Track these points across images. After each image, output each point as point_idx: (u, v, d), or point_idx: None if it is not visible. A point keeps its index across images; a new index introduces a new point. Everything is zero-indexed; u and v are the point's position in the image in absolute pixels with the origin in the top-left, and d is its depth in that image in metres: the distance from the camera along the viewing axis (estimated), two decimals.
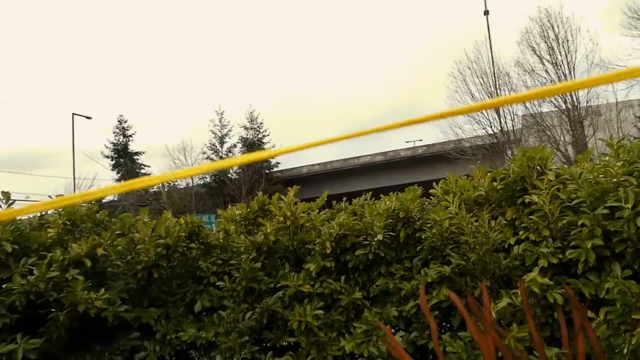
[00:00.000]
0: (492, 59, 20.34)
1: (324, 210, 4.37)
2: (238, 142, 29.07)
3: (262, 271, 3.75)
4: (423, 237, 3.66)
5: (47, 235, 3.52)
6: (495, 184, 3.90)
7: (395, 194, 4.12)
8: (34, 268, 3.17)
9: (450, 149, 22.62)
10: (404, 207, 3.85)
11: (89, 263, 3.32)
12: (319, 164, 30.29)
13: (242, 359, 3.20)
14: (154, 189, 27.62)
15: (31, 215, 3.82)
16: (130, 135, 30.45)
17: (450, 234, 3.57)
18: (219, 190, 26.47)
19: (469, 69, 20.54)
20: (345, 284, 3.74)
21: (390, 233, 3.76)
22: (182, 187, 27.29)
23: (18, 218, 3.51)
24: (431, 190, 4.08)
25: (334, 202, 4.51)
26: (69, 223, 3.57)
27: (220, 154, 28.36)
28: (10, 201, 3.41)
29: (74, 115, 27.05)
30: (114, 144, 30.00)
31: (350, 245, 3.77)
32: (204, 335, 3.50)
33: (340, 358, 3.52)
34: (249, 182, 25.60)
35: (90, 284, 3.26)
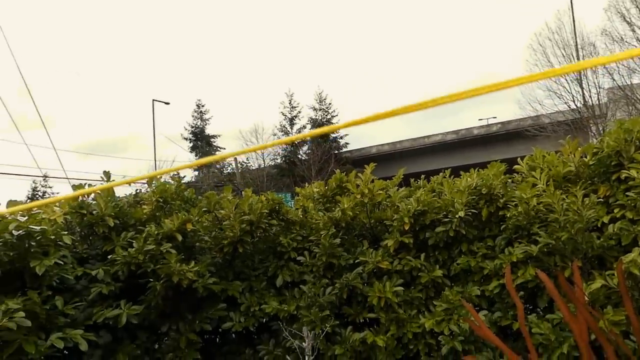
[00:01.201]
0: (575, 28, 18.93)
1: (401, 188, 4.34)
2: (307, 123, 29.37)
3: (341, 247, 3.80)
4: (508, 215, 3.53)
5: (143, 212, 3.78)
6: (586, 159, 3.68)
7: (476, 170, 4.01)
8: (133, 241, 3.42)
9: (527, 125, 21.49)
10: (487, 184, 3.73)
11: (180, 237, 3.53)
12: (388, 144, 29.93)
13: (324, 332, 3.28)
14: (229, 171, 28.69)
15: (127, 193, 4.11)
16: (207, 119, 31.69)
17: (537, 212, 3.42)
18: (289, 170, 26.98)
19: (550, 40, 19.26)
20: (425, 261, 3.71)
21: (472, 210, 3.67)
22: (254, 168, 28.09)
23: (117, 196, 3.79)
24: (516, 167, 3.92)
25: (411, 180, 4.46)
26: (161, 200, 3.80)
27: (291, 135, 28.81)
28: (111, 179, 3.69)
29: (154, 101, 28.54)
30: (192, 127, 31.38)
31: (430, 222, 3.72)
32: (285, 309, 3.63)
33: (420, 335, 3.51)
34: (318, 162, 25.85)
35: (183, 256, 3.47)
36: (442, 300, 3.51)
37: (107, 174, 3.75)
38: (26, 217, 2.93)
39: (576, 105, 18.72)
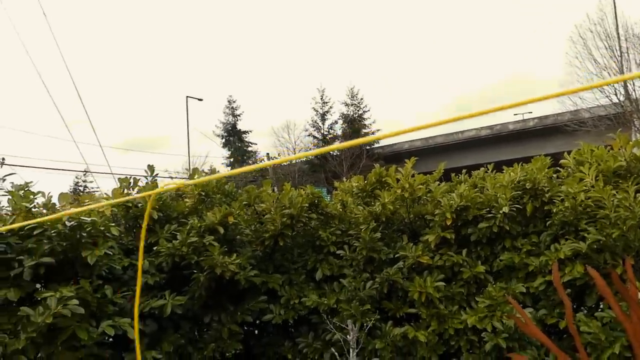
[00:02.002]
0: (617, 19, 18.19)
1: (441, 183, 4.28)
2: (339, 119, 29.31)
3: (381, 241, 3.78)
4: (554, 210, 3.44)
5: (185, 205, 3.85)
6: (638, 153, 3.54)
7: (520, 164, 3.92)
8: (177, 234, 3.49)
9: (566, 120, 20.82)
10: (531, 179, 3.65)
11: (221, 230, 3.58)
12: (420, 140, 29.55)
13: (366, 326, 3.28)
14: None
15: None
16: (239, 115, 32.03)
17: (585, 207, 3.32)
18: (320, 166, 27.00)
19: (591, 31, 18.58)
20: (467, 257, 3.66)
21: (516, 206, 3.59)
22: (286, 164, 28.24)
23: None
24: (562, 161, 3.81)
25: (452, 175, 4.39)
26: (203, 194, 3.87)
27: (322, 131, 28.84)
28: (155, 173, 3.78)
29: (188, 98, 29.02)
30: (224, 124, 31.78)
31: (472, 217, 3.66)
32: (325, 302, 3.64)
33: (462, 331, 3.47)
34: (350, 158, 25.78)
35: (226, 249, 3.52)
36: (484, 296, 3.45)
37: (151, 168, 3.84)
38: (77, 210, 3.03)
39: (619, 99, 18.04)
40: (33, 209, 3.10)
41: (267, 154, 26.97)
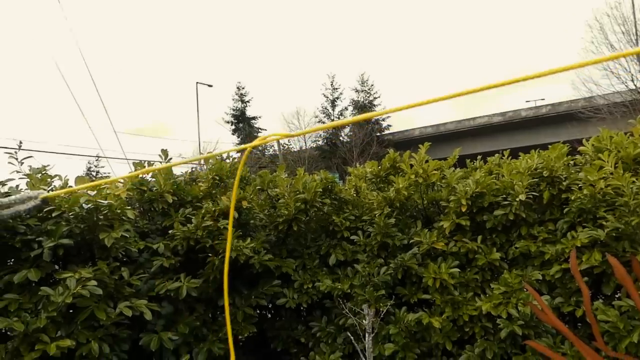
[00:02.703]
0: (633, 2, 17.79)
1: (455, 169, 4.25)
2: (349, 105, 29.16)
3: (395, 227, 3.77)
4: (572, 198, 3.40)
5: (199, 189, 3.86)
6: None
7: (537, 151, 3.87)
8: (192, 217, 3.51)
9: (580, 107, 20.53)
10: (548, 166, 3.60)
11: (236, 214, 3.59)
12: (431, 126, 29.36)
13: (382, 312, 3.28)
14: (270, 153, 28.96)
15: (183, 172, 4.20)
16: (248, 101, 31.98)
17: (604, 195, 3.28)
18: (331, 152, 26.97)
19: (608, 15, 18.21)
20: (482, 244, 3.64)
21: (533, 193, 3.56)
22: (295, 150, 28.23)
23: (175, 173, 3.89)
24: (581, 148, 3.76)
25: (467, 161, 4.36)
26: (217, 178, 3.87)
27: (332, 117, 28.72)
28: (169, 157, 3.78)
29: (198, 84, 28.99)
30: (233, 110, 31.77)
31: (488, 204, 3.63)
32: (339, 287, 3.64)
33: (476, 318, 3.46)
34: (360, 144, 25.70)
35: (241, 233, 3.53)
36: (500, 283, 3.43)
37: (165, 152, 3.85)
38: (94, 192, 3.05)
39: (635, 85, 17.73)
40: (49, 192, 3.12)
41: (277, 139, 26.96)
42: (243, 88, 31.97)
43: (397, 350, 3.36)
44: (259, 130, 32.30)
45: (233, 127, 31.94)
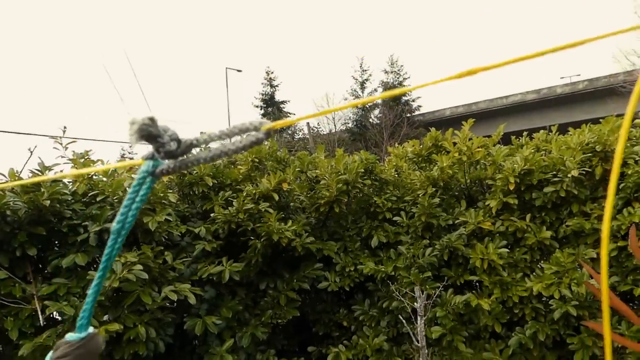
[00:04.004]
0: None
1: (499, 146, 4.09)
2: (379, 86, 28.73)
3: (439, 207, 3.66)
4: (628, 172, 3.22)
5: (239, 172, 3.82)
6: None
7: (587, 125, 3.67)
8: (233, 200, 3.47)
9: (620, 81, 19.67)
10: (601, 140, 3.41)
11: (276, 197, 3.54)
12: (462, 106, 28.66)
13: (434, 294, 3.19)
14: (300, 136, 28.92)
15: None
16: (277, 86, 31.87)
17: None
18: (360, 135, 26.70)
19: None
20: (531, 222, 3.49)
21: (585, 169, 3.38)
22: (325, 133, 28.09)
23: None
24: (636, 121, 3.54)
25: (513, 138, 4.18)
26: (256, 161, 3.82)
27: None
28: None
29: (227, 69, 29.07)
30: (262, 95, 31.75)
31: (537, 182, 3.47)
32: (383, 269, 3.57)
33: (526, 299, 3.34)
34: (390, 126, 25.34)
35: (283, 215, 3.48)
36: (551, 262, 3.29)
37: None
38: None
39: None
40: (94, 176, 3.14)
41: (307, 123, 26.86)
42: (272, 72, 31.88)
43: (445, 333, 3.28)
44: (288, 114, 32.24)
45: (262, 111, 31.98)
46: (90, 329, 0.77)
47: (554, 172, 3.47)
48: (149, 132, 0.49)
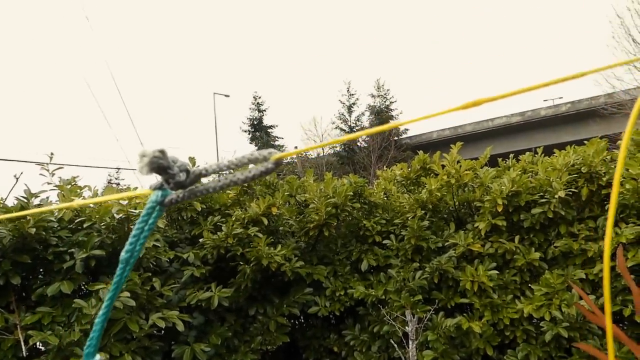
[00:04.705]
0: None
1: (486, 168, 4.13)
2: (366, 110, 29.03)
3: (429, 230, 3.66)
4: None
5: (227, 197, 3.81)
6: None
7: (572, 147, 3.73)
8: (222, 225, 3.45)
9: (601, 103, 20.12)
10: (587, 162, 3.47)
11: (265, 221, 3.52)
12: (449, 129, 29.05)
13: (425, 317, 3.17)
14: (287, 160, 29.00)
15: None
16: (264, 110, 32.06)
17: None
18: (349, 158, 26.85)
19: (629, 9, 17.85)
20: (520, 244, 3.51)
21: (572, 190, 3.43)
22: (313, 157, 28.20)
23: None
24: (619, 142, 3.61)
25: (499, 160, 4.23)
26: (245, 185, 3.82)
27: (349, 123, 28.64)
28: (196, 165, 3.74)
29: (215, 94, 29.23)
30: (250, 119, 31.89)
31: (524, 203, 3.51)
32: (373, 293, 3.54)
33: (517, 321, 3.33)
34: (378, 149, 25.54)
35: (273, 240, 3.46)
36: (541, 284, 3.30)
37: (192, 160, 3.81)
38: (126, 202, 3.01)
39: None
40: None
41: (295, 147, 26.94)
42: (259, 97, 32.12)
43: (437, 357, 3.25)
44: (276, 138, 32.37)
45: (250, 135, 32.07)
46: (97, 357, 0.76)
47: (541, 194, 3.51)
48: (159, 165, 0.49)
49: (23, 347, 2.56)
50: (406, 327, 2.88)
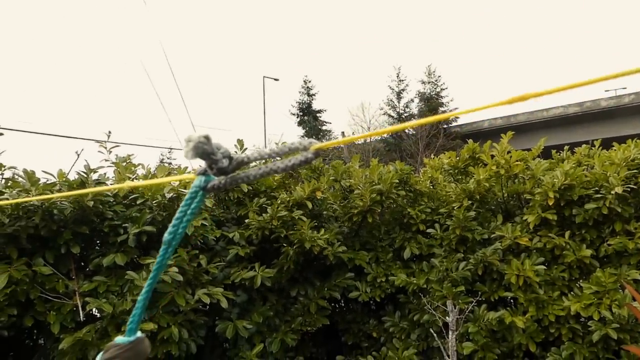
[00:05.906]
0: None
1: (538, 160, 3.99)
2: (415, 97, 28.52)
3: (475, 221, 3.60)
4: None
5: (273, 179, 3.88)
6: None
7: (633, 141, 3.55)
8: (267, 207, 3.52)
9: None
10: None
11: (310, 205, 3.56)
12: (501, 118, 28.08)
13: (466, 309, 3.14)
14: (335, 146, 28.97)
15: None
16: (314, 95, 32.13)
17: None
18: (396, 145, 26.55)
19: None
20: (570, 239, 3.39)
21: (630, 186, 3.26)
22: (360, 142, 28.06)
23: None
24: None
25: (553, 152, 4.08)
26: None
27: (397, 109, 28.25)
28: (244, 147, 3.82)
29: (265, 78, 29.51)
30: (299, 103, 32.05)
31: (577, 198, 3.37)
32: (415, 282, 3.53)
33: (563, 319, 3.24)
34: (426, 137, 25.09)
35: (316, 223, 3.50)
36: (591, 282, 3.19)
37: (240, 142, 3.89)
38: (177, 183, 3.13)
39: None
40: (135, 180, 3.25)
41: (342, 132, 26.92)
42: (309, 81, 32.19)
43: (477, 350, 3.21)
44: (324, 123, 32.42)
45: (298, 119, 32.27)
46: (139, 333, 0.81)
47: (596, 188, 3.36)
48: (203, 150, 0.52)
49: (81, 312, 2.73)
50: (447, 318, 2.86)
